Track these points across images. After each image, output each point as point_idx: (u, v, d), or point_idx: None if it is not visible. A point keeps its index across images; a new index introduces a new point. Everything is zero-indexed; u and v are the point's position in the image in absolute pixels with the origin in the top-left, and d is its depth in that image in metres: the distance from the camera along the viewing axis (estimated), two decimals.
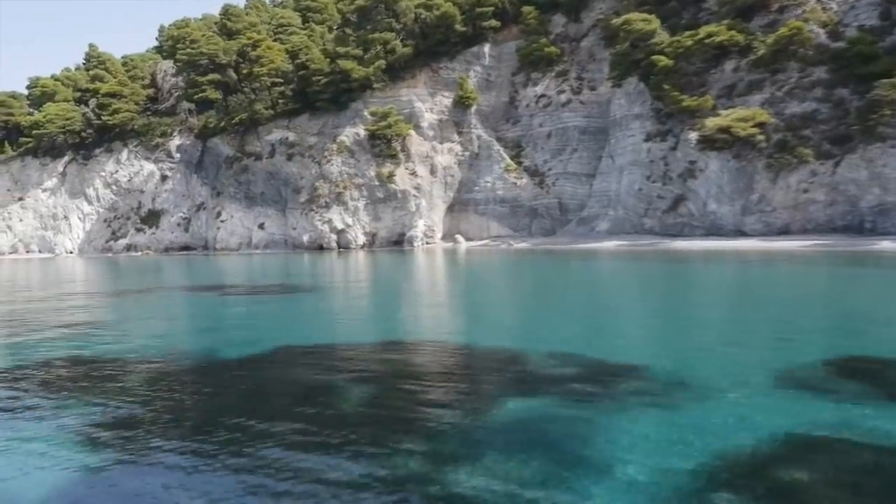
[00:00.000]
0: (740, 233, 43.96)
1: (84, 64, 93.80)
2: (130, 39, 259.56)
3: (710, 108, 48.14)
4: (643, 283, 24.40)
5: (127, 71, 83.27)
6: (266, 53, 67.21)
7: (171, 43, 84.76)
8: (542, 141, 61.90)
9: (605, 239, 51.08)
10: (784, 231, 41.84)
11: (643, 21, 53.19)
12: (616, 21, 55.06)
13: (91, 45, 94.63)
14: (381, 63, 64.60)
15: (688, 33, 50.65)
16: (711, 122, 44.84)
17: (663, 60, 50.40)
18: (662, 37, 52.89)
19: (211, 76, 71.08)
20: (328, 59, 65.31)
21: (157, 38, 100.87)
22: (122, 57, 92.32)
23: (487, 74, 66.92)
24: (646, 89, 53.32)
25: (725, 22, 49.44)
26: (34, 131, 75.65)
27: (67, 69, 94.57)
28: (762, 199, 43.10)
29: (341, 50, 65.05)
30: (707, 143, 46.83)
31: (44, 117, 75.25)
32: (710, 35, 48.64)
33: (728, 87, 48.96)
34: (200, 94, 71.14)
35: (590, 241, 51.72)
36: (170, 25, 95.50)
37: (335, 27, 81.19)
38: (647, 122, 52.28)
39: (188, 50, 71.73)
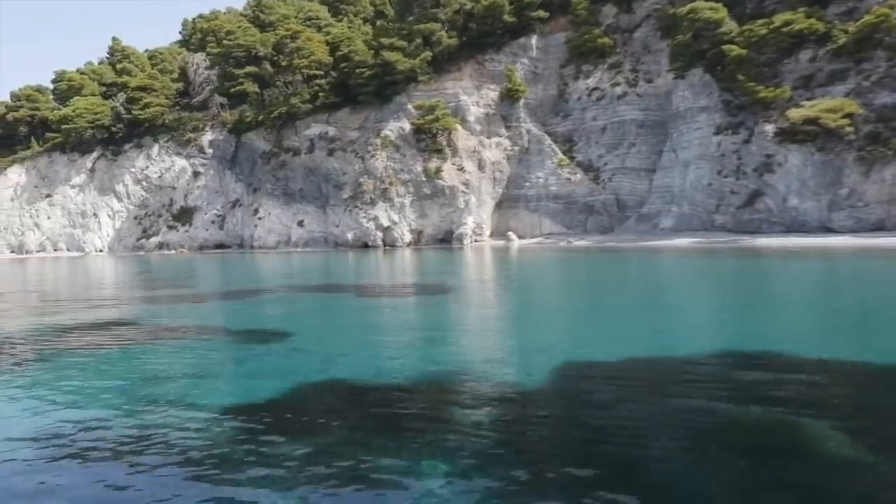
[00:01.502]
0: (826, 229, 41.88)
1: (108, 58, 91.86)
2: (147, 34, 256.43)
3: (787, 99, 46.10)
4: (764, 280, 22.12)
5: (155, 64, 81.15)
6: (306, 45, 65.08)
7: (201, 36, 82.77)
8: (595, 135, 59.81)
9: (671, 236, 48.97)
10: (878, 227, 39.76)
11: (710, 10, 51.08)
12: (681, 10, 52.95)
13: (114, 39, 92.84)
14: (427, 55, 62.52)
15: (760, 22, 48.56)
16: (796, 114, 42.73)
17: (735, 50, 48.31)
18: (731, 26, 50.80)
19: (248, 69, 68.93)
20: (371, 51, 63.14)
21: (180, 32, 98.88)
22: (147, 50, 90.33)
23: (534, 67, 64.83)
24: (712, 81, 51.24)
25: (802, 10, 47.32)
26: (63, 126, 73.45)
27: (90, 63, 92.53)
28: (853, 194, 41.02)
29: (385, 41, 62.90)
30: (786, 135, 44.76)
31: (73, 111, 73.08)
32: (786, 23, 46.55)
33: (804, 78, 46.85)
34: (237, 88, 68.96)
35: (655, 238, 49.63)
36: (196, 18, 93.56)
37: (368, 19, 79.18)
38: (716, 114, 50.18)
39: (224, 42, 69.59)
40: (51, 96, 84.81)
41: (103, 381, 9.29)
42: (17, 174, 76.83)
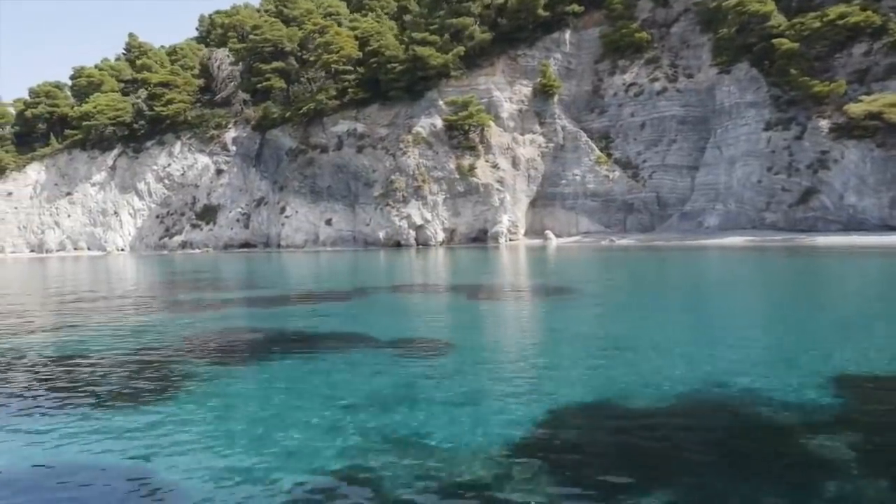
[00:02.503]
0: (888, 227, 40.61)
1: (124, 54, 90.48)
2: (160, 31, 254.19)
3: (841, 94, 44.89)
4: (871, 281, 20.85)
5: (175, 60, 79.75)
6: (335, 40, 63.70)
7: (222, 31, 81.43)
8: (634, 131, 58.55)
9: (718, 235, 47.73)
10: None
11: (758, 3, 49.87)
12: (726, 3, 51.72)
13: (131, 35, 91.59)
14: (460, 49, 61.24)
15: (812, 15, 47.37)
16: (856, 108, 41.47)
17: (786, 44, 47.09)
18: (779, 19, 49.59)
19: (274, 64, 67.55)
20: (403, 46, 61.83)
21: (197, 29, 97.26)
22: (162, 47, 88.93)
23: (568, 62, 63.57)
24: (760, 75, 50.06)
25: (857, 2, 46.07)
26: (84, 123, 72.09)
27: (107, 60, 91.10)
28: None
29: (417, 36, 61.58)
30: (842, 131, 43.54)
31: (94, 107, 71.71)
32: (841, 16, 45.30)
33: (859, 72, 45.64)
34: (264, 83, 67.59)
35: (701, 237, 48.40)
36: (213, 14, 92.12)
37: (392, 15, 77.81)
38: (765, 109, 48.95)
39: (251, 36, 68.22)
40: (68, 93, 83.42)
41: (365, 390, 8.04)
42: (36, 172, 75.48)
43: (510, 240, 58.92)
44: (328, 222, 65.53)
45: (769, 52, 49.06)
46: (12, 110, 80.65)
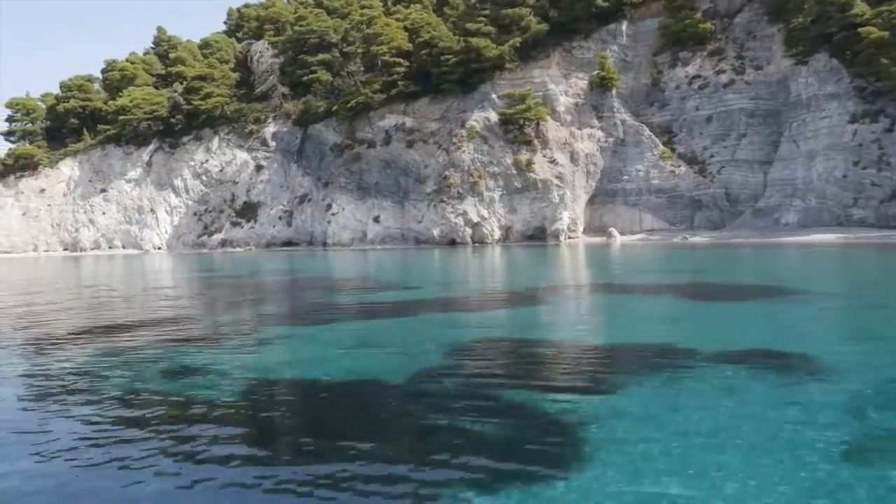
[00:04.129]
0: None
1: (153, 48, 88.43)
2: (183, 25, 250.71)
3: None
4: None
5: (211, 54, 77.52)
6: (385, 31, 61.61)
7: (257, 24, 79.36)
8: (699, 125, 56.58)
9: (799, 232, 45.72)
10: None
11: None
12: None
13: (160, 29, 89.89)
14: (517, 40, 59.21)
15: None
16: None
17: (874, 33, 45.07)
18: (862, 7, 47.60)
19: (321, 56, 65.43)
20: (457, 37, 59.76)
21: (225, 22, 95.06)
22: (189, 40, 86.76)
23: (624, 54, 61.62)
24: (840, 66, 48.10)
25: None
26: (120, 117, 69.94)
27: (134, 53, 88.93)
28: None
29: (472, 27, 59.55)
30: None
31: (130, 101, 69.57)
32: None
33: None
34: (310, 76, 65.47)
35: (780, 234, 46.39)
36: (242, 7, 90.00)
37: (432, 6, 75.73)
38: (848, 101, 47.00)
39: (296, 28, 66.14)
40: (97, 87, 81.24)
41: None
42: (69, 168, 73.31)
43: (569, 237, 56.98)
44: (376, 220, 63.49)
45: (851, 42, 47.08)
46: (42, 105, 78.45)
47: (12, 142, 76.36)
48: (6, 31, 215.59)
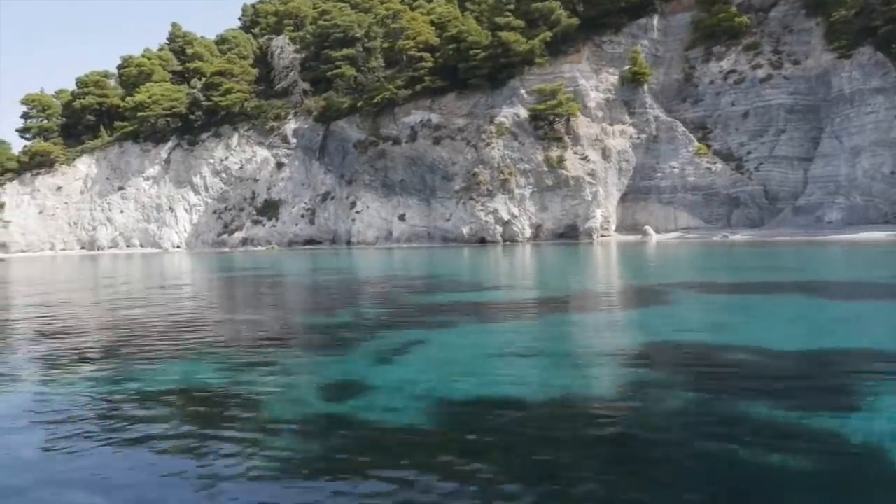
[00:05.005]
0: None
1: (168, 44, 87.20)
2: (195, 21, 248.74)
3: None
4: None
5: (229, 49, 76.30)
6: (411, 25, 60.40)
7: (276, 19, 78.13)
8: (735, 121, 55.42)
9: (845, 230, 44.56)
10: None
11: None
12: None
13: (174, 25, 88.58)
14: (547, 35, 58.05)
15: None
16: None
17: None
18: None
19: (346, 51, 64.21)
20: (486, 32, 58.56)
21: (240, 18, 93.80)
22: (203, 37, 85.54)
23: (655, 49, 60.46)
24: (886, 59, 46.94)
25: None
26: (138, 113, 68.71)
27: (148, 49, 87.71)
28: None
29: (501, 21, 58.37)
30: None
31: (148, 97, 68.33)
32: None
33: None
34: (335, 71, 64.26)
35: (824, 232, 45.18)
36: (259, 3, 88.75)
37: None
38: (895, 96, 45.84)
39: (320, 22, 64.92)
40: (112, 82, 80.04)
41: None
42: (86, 165, 72.07)
43: (601, 236, 55.81)
44: (401, 218, 62.30)
45: None
46: (57, 102, 77.19)
47: (28, 139, 75.15)
48: (10, 29, 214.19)
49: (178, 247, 69.70)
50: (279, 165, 69.05)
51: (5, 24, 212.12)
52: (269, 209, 68.10)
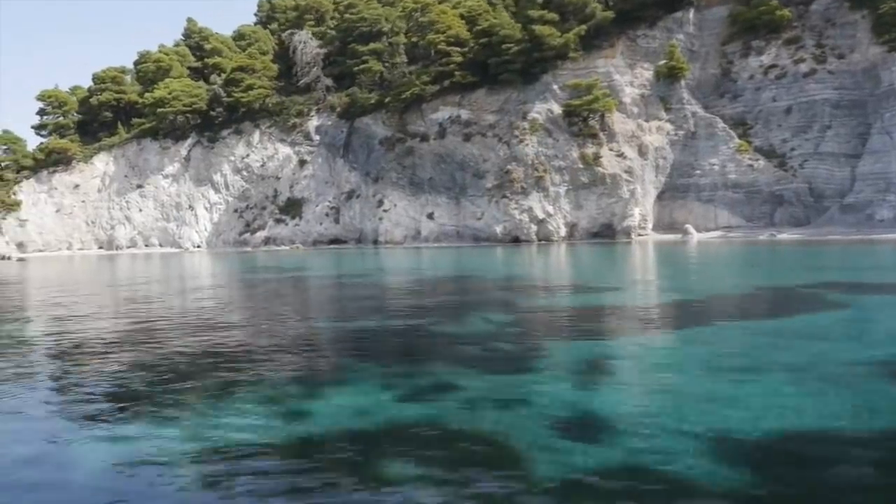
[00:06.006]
0: None
1: (184, 40, 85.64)
2: (210, 17, 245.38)
3: None
4: None
5: (246, 45, 74.75)
6: (441, 18, 58.87)
7: (296, 13, 76.58)
8: (777, 117, 53.90)
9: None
10: None
11: None
12: None
13: (190, 20, 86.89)
14: (581, 28, 56.54)
15: None
16: None
17: None
18: None
19: (372, 45, 62.65)
20: (519, 25, 57.03)
21: (256, 14, 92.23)
22: (216, 35, 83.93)
23: (691, 43, 58.92)
24: None
25: None
26: (158, 110, 67.13)
27: (163, 46, 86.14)
28: None
29: (534, 14, 56.83)
30: None
31: (168, 93, 66.75)
32: None
33: None
34: (361, 66, 62.71)
35: (876, 230, 43.68)
36: None
37: None
38: None
39: (346, 15, 63.36)
40: (128, 79, 78.47)
41: None
42: (104, 163, 70.50)
43: (638, 235, 54.31)
44: (430, 216, 60.77)
45: None
46: (74, 98, 75.60)
47: (43, 136, 73.58)
48: (13, 28, 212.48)
49: (199, 246, 68.16)
50: (302, 163, 67.53)
51: (13, 22, 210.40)
52: (292, 208, 66.56)
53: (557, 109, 56.84)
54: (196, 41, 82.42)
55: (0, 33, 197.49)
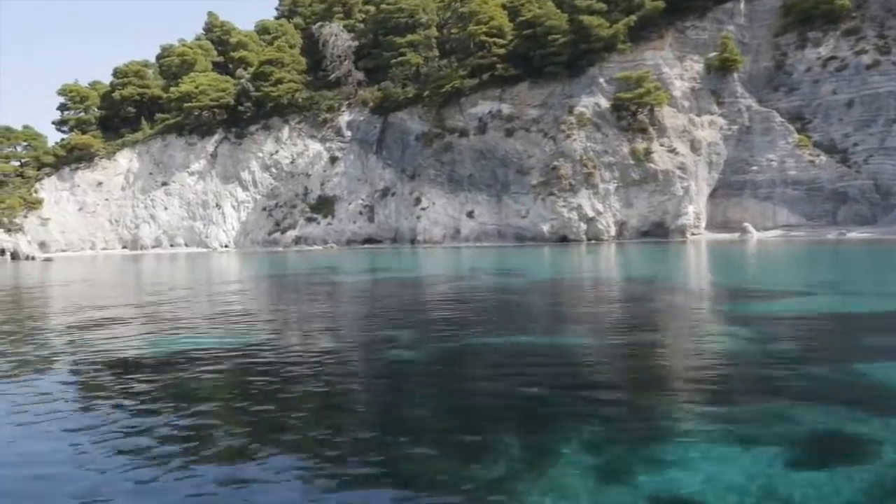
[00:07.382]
0: None
1: (205, 35, 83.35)
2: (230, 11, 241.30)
3: None
4: None
5: (272, 39, 72.44)
6: (483, 9, 56.63)
7: (324, 6, 74.26)
8: (838, 111, 51.69)
9: None
10: None
11: None
12: None
13: (211, 14, 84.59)
14: (631, 19, 54.36)
15: None
16: None
17: None
18: None
19: (410, 37, 60.37)
20: (565, 16, 54.81)
21: (277, 8, 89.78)
22: (237, 30, 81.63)
23: (742, 35, 56.71)
24: None
25: None
26: (184, 105, 64.84)
27: (182, 40, 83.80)
28: None
29: (581, 4, 54.61)
30: None
31: (195, 88, 64.45)
32: None
33: None
34: (399, 58, 60.44)
35: None
36: None
37: None
38: None
39: (383, 6, 61.06)
40: (150, 72, 76.17)
41: None
42: (127, 160, 68.20)
43: (692, 234, 52.10)
44: (469, 215, 58.55)
45: None
46: (95, 93, 73.29)
47: (64, 132, 71.30)
48: (13, 28, 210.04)
49: (226, 246, 65.87)
50: (333, 160, 65.26)
51: (22, 20, 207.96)
52: (324, 206, 64.29)
53: (605, 103, 54.66)
54: (218, 35, 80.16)
55: (9, 31, 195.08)
